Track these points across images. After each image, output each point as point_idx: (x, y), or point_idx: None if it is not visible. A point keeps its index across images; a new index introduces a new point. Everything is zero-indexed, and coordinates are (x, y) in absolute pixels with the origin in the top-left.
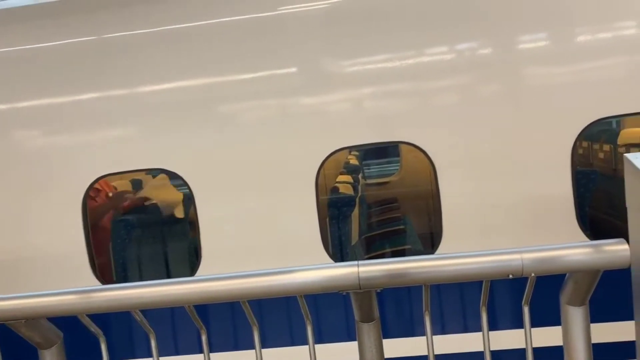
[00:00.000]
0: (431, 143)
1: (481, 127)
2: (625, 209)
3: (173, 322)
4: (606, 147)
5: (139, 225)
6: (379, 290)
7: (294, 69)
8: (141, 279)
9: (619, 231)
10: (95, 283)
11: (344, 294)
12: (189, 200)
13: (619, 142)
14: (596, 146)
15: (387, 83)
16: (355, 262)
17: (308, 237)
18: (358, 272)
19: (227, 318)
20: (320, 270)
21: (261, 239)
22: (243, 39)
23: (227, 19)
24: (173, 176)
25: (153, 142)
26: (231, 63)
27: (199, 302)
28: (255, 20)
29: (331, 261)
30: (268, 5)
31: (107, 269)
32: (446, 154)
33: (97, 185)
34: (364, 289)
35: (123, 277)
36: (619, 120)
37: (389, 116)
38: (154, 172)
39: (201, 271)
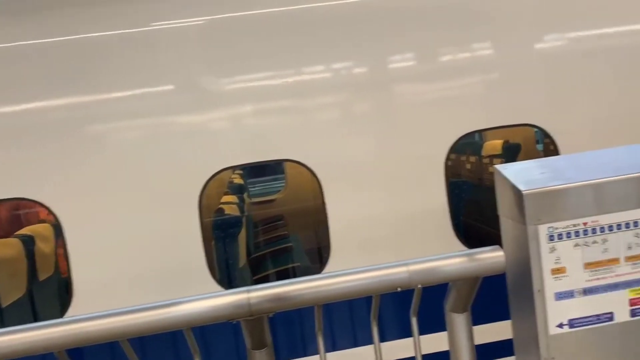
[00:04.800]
0: (315, 160)
1: (362, 143)
2: (496, 217)
3: None
4: (473, 159)
5: None
6: (270, 315)
7: (172, 87)
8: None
9: (491, 237)
10: None
11: (234, 322)
12: (57, 231)
13: (483, 154)
14: (465, 158)
15: (269, 101)
16: (245, 288)
17: (193, 263)
18: (249, 299)
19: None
20: (207, 300)
21: (141, 268)
22: (117, 55)
23: (96, 34)
24: (37, 205)
25: (11, 168)
26: (104, 81)
27: (74, 346)
28: (127, 36)
29: (219, 287)
30: (140, 21)
31: None
32: (330, 170)
33: None
34: (255, 315)
35: None
36: (484, 133)
37: (273, 134)
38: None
39: (73, 310)
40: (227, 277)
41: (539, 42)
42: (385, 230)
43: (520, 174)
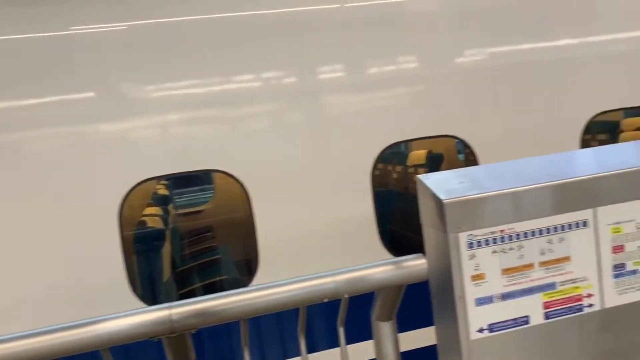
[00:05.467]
0: (242, 170)
1: (291, 154)
2: (420, 226)
3: None
4: (399, 169)
5: None
6: (193, 332)
7: (91, 94)
8: None
9: (417, 245)
10: None
11: (156, 340)
12: None
13: (408, 164)
14: (391, 168)
15: (196, 109)
16: (167, 304)
17: (113, 279)
18: (170, 315)
19: None
20: (126, 318)
21: (57, 286)
22: (31, 59)
23: (10, 37)
24: None
25: None
26: (16, 87)
27: None
28: (44, 40)
29: (142, 304)
30: (58, 25)
31: None
32: (258, 180)
33: None
34: (178, 332)
35: None
36: (409, 144)
37: (200, 144)
38: None
39: None
40: (150, 293)
41: (460, 57)
42: (314, 240)
43: (441, 184)
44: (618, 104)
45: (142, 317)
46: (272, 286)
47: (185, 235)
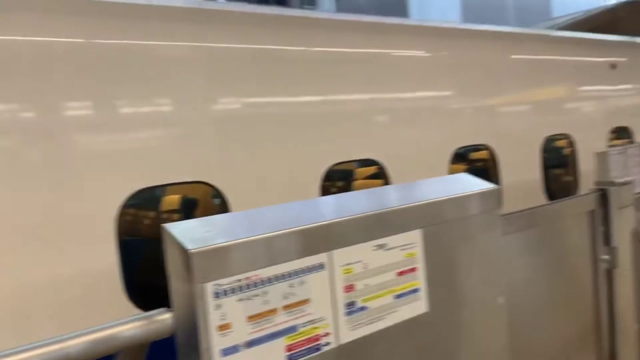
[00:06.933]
0: None
1: (15, 197)
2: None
3: None
4: (152, 214)
5: None
6: None
7: None
8: None
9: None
10: None
11: None
12: None
13: (162, 209)
14: (143, 214)
15: None
16: None
17: None
18: None
19: None
20: None
21: None
22: None
23: None
24: None
25: None
26: None
27: None
28: None
29: None
30: None
31: None
32: None
33: None
34: None
35: None
36: (164, 188)
37: None
38: None
39: None
40: None
41: (213, 104)
42: (46, 299)
43: (188, 232)
44: (353, 156)
45: None
46: None
47: None
